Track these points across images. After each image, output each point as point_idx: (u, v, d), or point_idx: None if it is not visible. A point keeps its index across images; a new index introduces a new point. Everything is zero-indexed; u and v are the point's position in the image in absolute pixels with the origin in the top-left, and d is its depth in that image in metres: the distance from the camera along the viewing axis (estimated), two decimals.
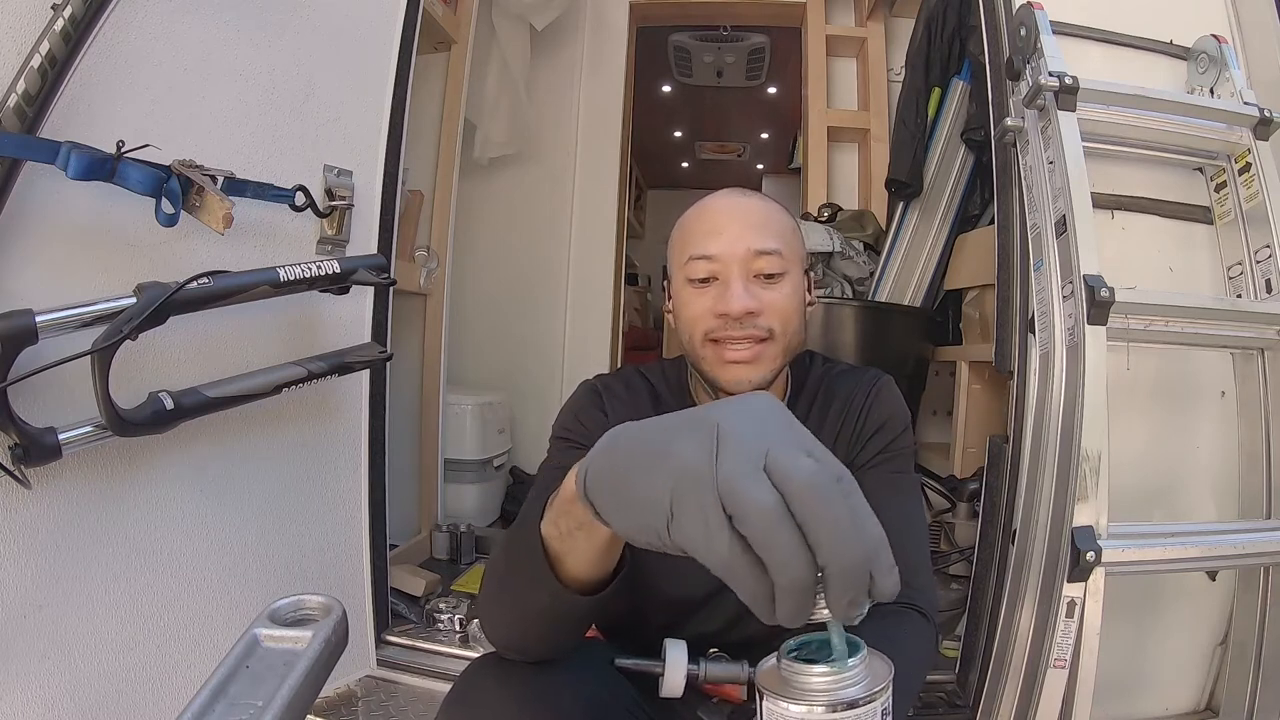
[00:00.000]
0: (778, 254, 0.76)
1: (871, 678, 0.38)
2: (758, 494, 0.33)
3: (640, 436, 0.40)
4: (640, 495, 0.37)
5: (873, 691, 0.37)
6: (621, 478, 0.39)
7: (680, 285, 0.79)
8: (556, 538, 0.51)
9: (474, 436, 2.16)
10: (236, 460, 1.13)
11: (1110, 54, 1.31)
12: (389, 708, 1.28)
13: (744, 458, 0.34)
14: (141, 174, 0.90)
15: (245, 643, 0.41)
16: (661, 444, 0.37)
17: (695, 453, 0.35)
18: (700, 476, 0.34)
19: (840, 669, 0.37)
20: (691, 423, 0.37)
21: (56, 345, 0.81)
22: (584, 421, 0.82)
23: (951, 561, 1.78)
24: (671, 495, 0.35)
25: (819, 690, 0.37)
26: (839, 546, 0.32)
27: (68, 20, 0.82)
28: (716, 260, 0.75)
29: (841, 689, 0.37)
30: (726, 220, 0.77)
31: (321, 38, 1.21)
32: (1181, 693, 1.30)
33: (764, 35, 3.35)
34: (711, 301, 0.75)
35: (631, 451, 0.40)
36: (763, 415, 0.38)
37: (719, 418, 0.36)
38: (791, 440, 0.36)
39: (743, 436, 0.35)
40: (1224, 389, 1.28)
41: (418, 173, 1.94)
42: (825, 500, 0.33)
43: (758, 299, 0.74)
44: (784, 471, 0.33)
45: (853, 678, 0.37)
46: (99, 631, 0.97)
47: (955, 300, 2.07)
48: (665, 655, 0.72)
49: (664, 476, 0.36)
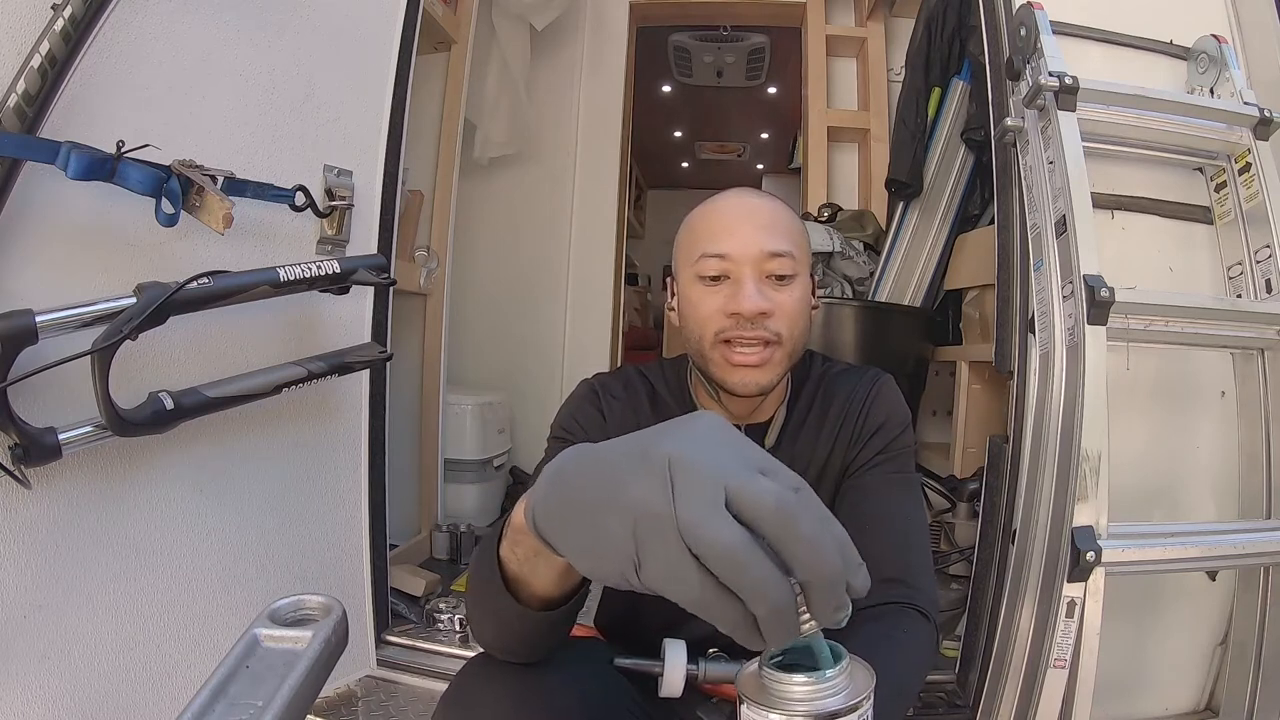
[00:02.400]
0: (789, 256, 0.76)
1: (853, 687, 0.37)
2: (722, 533, 0.32)
3: (589, 470, 0.38)
4: (601, 538, 0.35)
5: (853, 702, 0.37)
6: (575, 515, 0.38)
7: (688, 283, 0.79)
8: (515, 562, 0.51)
9: (474, 436, 2.16)
10: (236, 460, 1.13)
11: (1110, 54, 1.31)
12: (389, 708, 1.28)
13: (703, 495, 0.33)
14: (141, 174, 0.90)
15: (245, 643, 0.41)
16: (612, 481, 0.35)
17: (651, 493, 0.33)
18: (661, 520, 0.33)
19: (819, 679, 0.37)
20: (642, 457, 0.35)
21: (56, 345, 0.81)
22: (581, 421, 0.82)
23: (951, 561, 1.78)
24: (635, 541, 0.34)
25: (799, 699, 0.37)
26: (816, 562, 0.32)
27: (68, 20, 0.82)
28: (728, 259, 0.75)
29: (821, 699, 0.36)
30: (739, 220, 0.77)
31: (321, 38, 1.21)
32: (1181, 693, 1.30)
33: (764, 35, 3.36)
34: (723, 301, 0.75)
35: (582, 487, 0.37)
36: (713, 441, 0.36)
37: (669, 450, 0.34)
38: (745, 464, 0.35)
39: (698, 470, 0.34)
40: (1224, 389, 1.28)
41: (418, 173, 1.94)
42: (795, 520, 0.32)
43: (770, 300, 0.74)
44: (747, 501, 0.33)
45: (833, 687, 0.37)
46: (99, 631, 0.97)
47: (955, 300, 2.07)
48: (664, 655, 0.72)
49: (622, 519, 0.34)
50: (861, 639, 0.66)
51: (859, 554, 0.34)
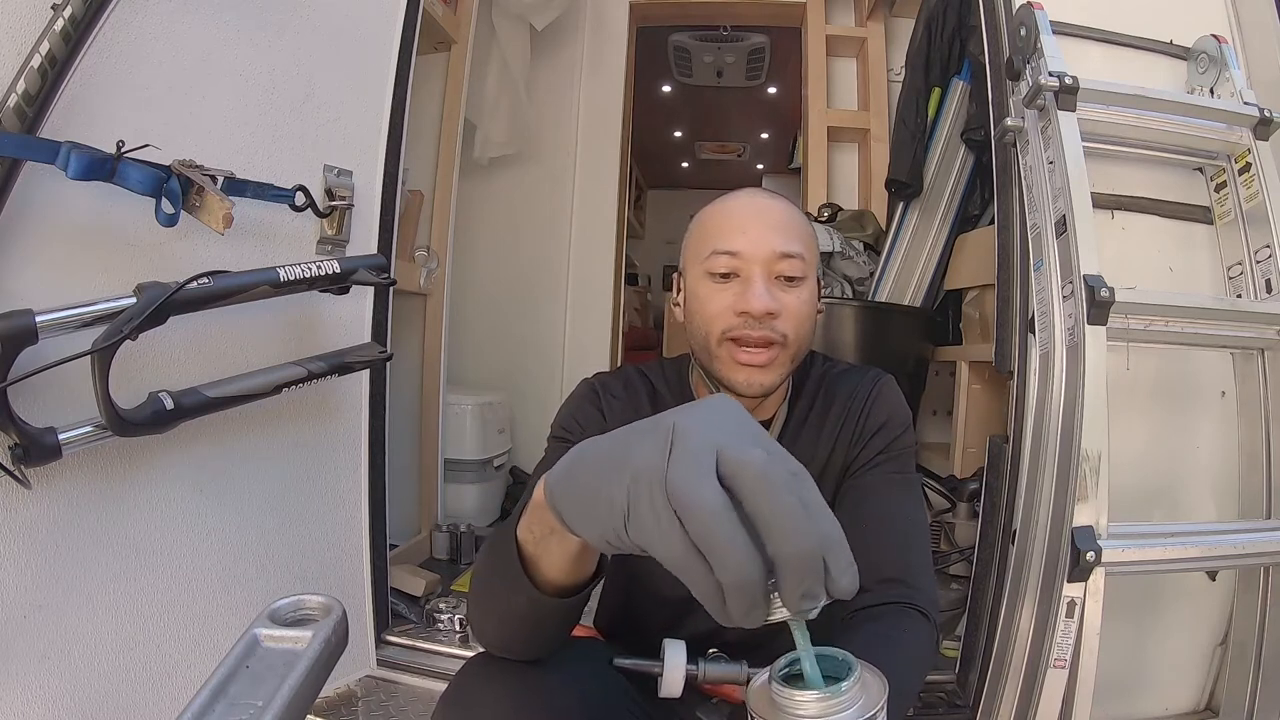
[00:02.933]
0: (800, 258, 0.76)
1: (866, 699, 0.36)
2: (701, 492, 0.33)
3: (604, 446, 0.41)
4: (600, 499, 0.38)
5: (868, 715, 0.35)
6: (583, 485, 0.40)
7: (697, 280, 0.79)
8: (531, 542, 0.52)
9: (474, 436, 2.16)
10: (236, 460, 1.13)
11: (1110, 54, 1.31)
12: (389, 708, 1.28)
13: (694, 455, 0.34)
14: (141, 174, 0.90)
15: (245, 643, 0.41)
16: (622, 449, 0.38)
17: (650, 453, 0.36)
18: (652, 476, 0.34)
19: (834, 693, 0.36)
20: (651, 426, 0.38)
21: (56, 345, 0.81)
22: (581, 421, 0.82)
23: (951, 561, 1.78)
24: (628, 495, 0.36)
25: (811, 716, 0.35)
26: (788, 535, 0.32)
27: (68, 20, 0.82)
28: (739, 257, 0.75)
29: (835, 714, 0.35)
30: (752, 219, 0.77)
31: (321, 38, 1.21)
32: (1181, 693, 1.30)
33: (764, 35, 3.36)
34: (732, 299, 0.75)
35: (594, 459, 0.40)
36: (720, 413, 0.38)
37: (675, 419, 0.37)
38: (745, 435, 0.36)
39: (696, 434, 0.35)
40: (1224, 389, 1.28)
41: (418, 173, 1.94)
42: (774, 489, 0.33)
43: (778, 301, 0.75)
44: (733, 464, 0.34)
45: (847, 701, 0.35)
46: (99, 632, 0.97)
47: (955, 300, 2.07)
48: (664, 655, 0.72)
49: (621, 478, 0.36)
50: (861, 639, 0.66)
51: (852, 556, 0.34)
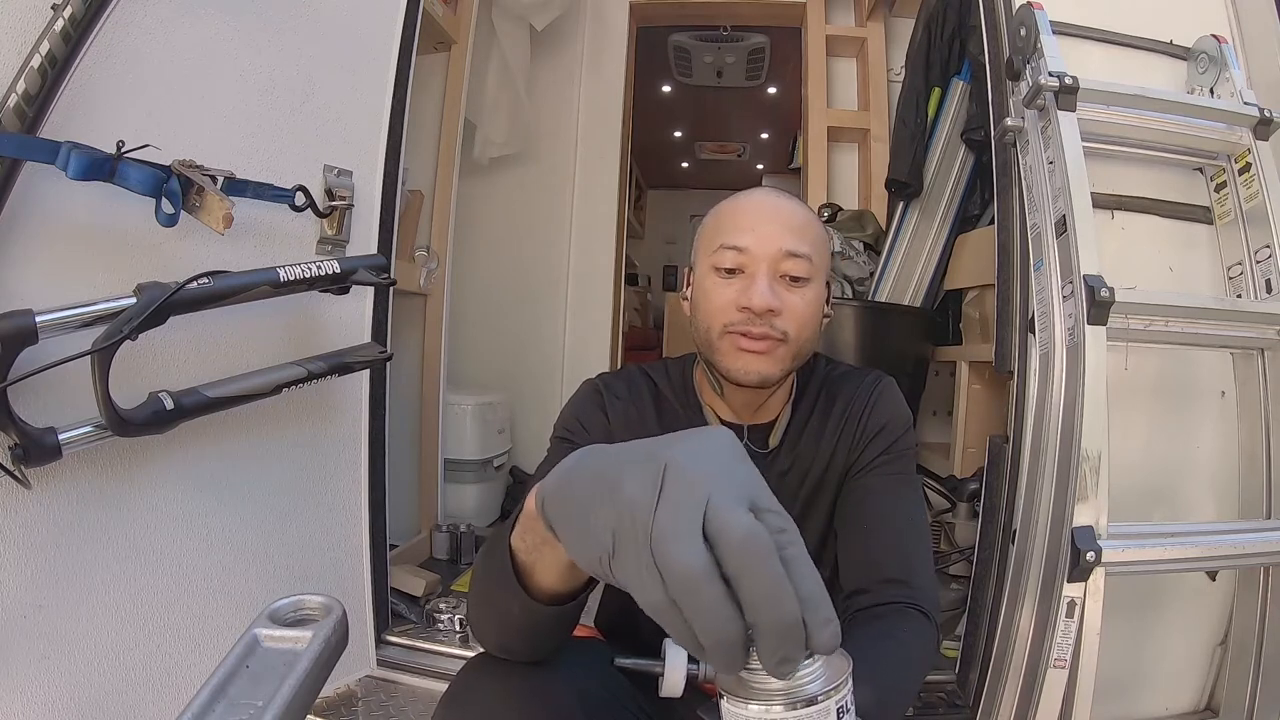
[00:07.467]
0: (807, 259, 0.76)
1: (830, 672, 0.38)
2: (684, 555, 0.32)
3: (597, 463, 0.40)
4: (589, 526, 0.37)
5: (831, 686, 0.37)
6: (573, 503, 0.40)
7: (705, 273, 0.79)
8: (525, 551, 0.51)
9: (474, 436, 2.16)
10: (236, 460, 1.13)
11: (1110, 54, 1.31)
12: (389, 708, 1.28)
13: (680, 510, 0.33)
14: (141, 174, 0.90)
15: (245, 643, 0.41)
16: (614, 474, 0.37)
17: (639, 493, 0.35)
18: (638, 523, 0.34)
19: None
20: (646, 457, 0.37)
21: (56, 345, 0.81)
22: (584, 421, 0.82)
23: (951, 561, 1.78)
24: (613, 535, 0.35)
25: (775, 689, 0.37)
26: (767, 606, 0.32)
27: (68, 20, 0.82)
28: (746, 253, 0.76)
29: (798, 686, 0.37)
30: (764, 217, 0.77)
31: (321, 38, 1.21)
32: (1181, 693, 1.30)
33: (764, 35, 3.35)
34: (735, 294, 0.76)
35: (586, 478, 0.39)
36: (715, 457, 0.37)
37: (670, 456, 0.36)
38: (736, 489, 0.35)
39: (687, 482, 0.34)
40: (1224, 389, 1.28)
41: (418, 173, 1.94)
42: (756, 559, 0.32)
43: (780, 299, 0.75)
44: (718, 526, 0.33)
45: (809, 675, 0.37)
46: (99, 632, 0.97)
47: (955, 300, 2.06)
48: (665, 655, 0.72)
49: (608, 512, 0.36)
50: (862, 638, 0.66)
51: (833, 611, 0.34)
